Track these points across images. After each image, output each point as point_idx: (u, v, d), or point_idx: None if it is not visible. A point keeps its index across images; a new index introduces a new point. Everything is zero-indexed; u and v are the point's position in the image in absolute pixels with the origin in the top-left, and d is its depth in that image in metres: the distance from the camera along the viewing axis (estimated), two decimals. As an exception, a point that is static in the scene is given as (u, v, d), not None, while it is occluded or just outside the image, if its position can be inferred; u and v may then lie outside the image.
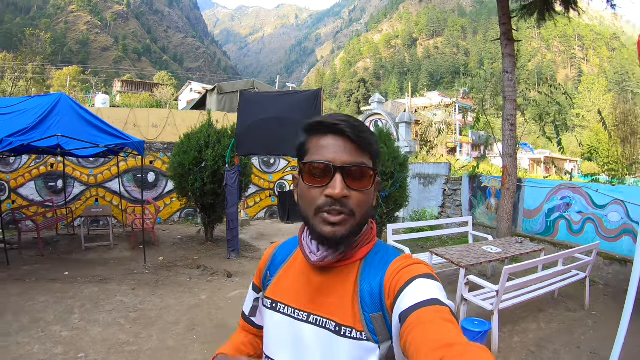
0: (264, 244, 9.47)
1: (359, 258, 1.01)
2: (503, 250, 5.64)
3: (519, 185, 8.71)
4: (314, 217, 0.95)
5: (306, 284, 1.02)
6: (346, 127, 0.94)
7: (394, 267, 0.95)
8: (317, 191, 0.94)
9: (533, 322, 5.02)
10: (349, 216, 0.93)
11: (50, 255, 7.94)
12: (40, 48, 44.59)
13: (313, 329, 0.97)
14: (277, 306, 1.05)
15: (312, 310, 0.99)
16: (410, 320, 0.79)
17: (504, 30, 8.16)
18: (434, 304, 0.80)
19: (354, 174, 0.94)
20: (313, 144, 0.98)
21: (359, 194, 0.94)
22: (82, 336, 4.32)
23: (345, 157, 0.93)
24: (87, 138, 6.55)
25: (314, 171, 0.95)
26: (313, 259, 0.99)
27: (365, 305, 0.93)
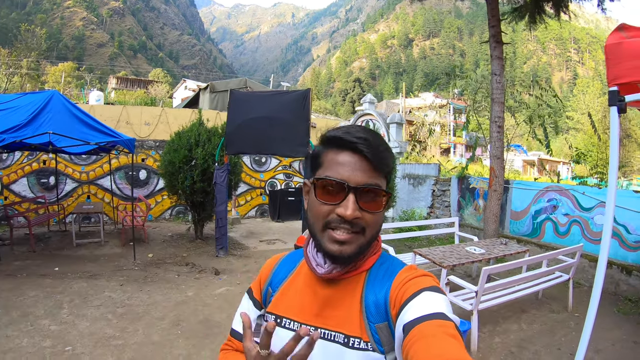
0: (253, 242, 9.56)
1: (365, 269, 1.00)
2: (486, 251, 5.71)
3: (507, 187, 8.80)
4: (322, 232, 0.94)
5: (312, 298, 1.01)
6: (365, 146, 0.92)
7: (400, 279, 0.95)
8: (328, 208, 0.93)
9: (515, 323, 5.07)
10: (358, 234, 0.93)
11: (41, 251, 8.01)
12: (36, 44, 44.31)
13: (320, 344, 0.94)
14: (281, 321, 1.02)
15: (319, 324, 0.97)
16: (413, 332, 0.78)
17: (493, 33, 8.23)
18: (439, 318, 0.80)
19: (367, 195, 0.92)
20: (329, 157, 0.96)
21: (371, 215, 0.93)
22: (70, 330, 4.42)
23: (360, 177, 0.91)
24: (79, 135, 6.62)
25: (327, 187, 0.93)
26: (320, 271, 0.98)
27: (370, 316, 0.93)
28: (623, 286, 6.34)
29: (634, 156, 31.07)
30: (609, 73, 2.38)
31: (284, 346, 0.72)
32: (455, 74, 11.75)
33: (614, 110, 2.36)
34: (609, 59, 2.38)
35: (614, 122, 2.41)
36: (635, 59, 2.23)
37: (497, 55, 8.21)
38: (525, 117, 11.21)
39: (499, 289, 4.82)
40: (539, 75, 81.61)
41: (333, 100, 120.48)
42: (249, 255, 8.25)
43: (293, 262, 1.13)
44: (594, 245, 7.03)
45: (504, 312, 5.37)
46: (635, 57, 2.24)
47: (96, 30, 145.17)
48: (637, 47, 2.24)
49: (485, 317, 5.08)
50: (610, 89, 2.37)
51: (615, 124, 2.41)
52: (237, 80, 17.90)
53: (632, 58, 2.25)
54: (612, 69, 2.35)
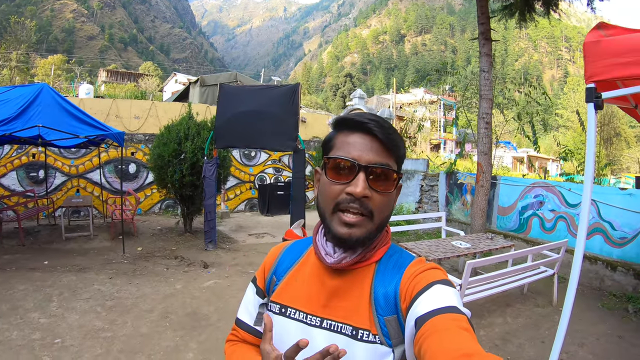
0: (242, 236, 9.61)
1: (375, 260, 0.99)
2: (472, 246, 5.78)
3: (494, 183, 8.89)
4: (332, 215, 0.94)
5: (319, 288, 0.99)
6: (375, 126, 0.93)
7: (410, 271, 0.94)
8: (338, 187, 0.92)
9: (500, 317, 5.14)
10: (367, 218, 0.92)
11: (30, 245, 8.02)
12: (25, 36, 43.88)
13: (326, 335, 0.94)
14: (286, 311, 1.01)
15: (325, 315, 0.96)
16: (427, 326, 0.78)
17: (482, 30, 8.22)
18: (452, 312, 0.80)
19: (377, 174, 0.92)
20: (340, 139, 0.97)
21: (381, 196, 0.92)
22: (60, 323, 4.47)
23: (371, 156, 0.92)
24: (68, 129, 6.62)
25: (338, 167, 0.93)
26: (329, 260, 0.97)
27: (379, 308, 0.92)
28: (608, 282, 6.40)
29: (623, 154, 31.41)
30: (587, 70, 2.43)
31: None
32: (446, 70, 11.82)
33: (590, 107, 2.42)
34: (587, 57, 2.43)
35: (590, 119, 2.47)
36: (613, 57, 2.28)
37: (486, 52, 8.24)
38: (514, 114, 11.32)
39: (483, 282, 4.87)
40: (530, 73, 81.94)
41: (324, 95, 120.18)
42: (237, 249, 8.29)
43: (299, 251, 1.12)
44: (580, 241, 7.11)
45: (489, 306, 5.44)
46: (612, 55, 2.29)
47: (86, 22, 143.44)
48: (614, 46, 2.30)
49: (470, 311, 5.14)
50: (588, 86, 2.43)
51: (592, 121, 2.47)
52: (227, 74, 17.90)
53: (609, 56, 2.30)
54: (589, 66, 2.41)
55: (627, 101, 3.30)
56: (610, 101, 3.06)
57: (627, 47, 2.23)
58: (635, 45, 2.22)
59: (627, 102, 3.33)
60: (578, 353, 4.25)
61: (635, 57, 2.18)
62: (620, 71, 2.25)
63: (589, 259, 6.69)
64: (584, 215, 2.55)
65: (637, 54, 2.19)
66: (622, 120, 32.90)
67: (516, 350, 4.27)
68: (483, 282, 4.84)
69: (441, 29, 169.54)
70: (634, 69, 2.19)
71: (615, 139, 30.22)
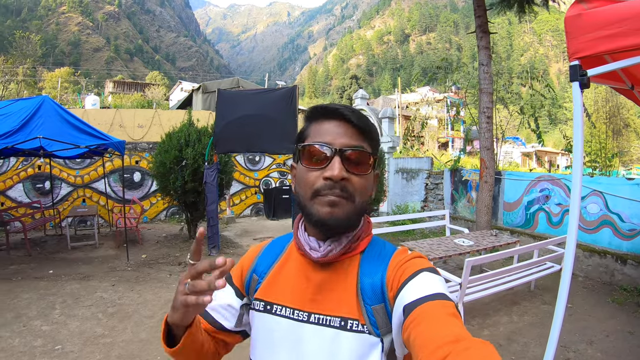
0: (247, 240, 9.64)
1: (360, 250, 0.99)
2: (475, 243, 5.67)
3: (499, 178, 8.79)
4: (310, 200, 0.92)
5: (305, 283, 0.98)
6: (345, 111, 0.94)
7: (396, 260, 0.94)
8: (315, 174, 0.92)
9: (505, 315, 5.03)
10: (347, 200, 0.91)
11: (37, 255, 8.10)
12: (31, 50, 44.41)
13: (314, 329, 0.93)
14: (272, 308, 0.99)
15: (312, 309, 0.95)
16: (416, 313, 0.78)
17: (479, 23, 8.03)
18: (440, 299, 0.80)
19: (353, 157, 0.93)
20: (313, 128, 0.97)
21: (358, 178, 0.93)
22: (61, 330, 4.51)
23: (344, 140, 0.93)
24: (69, 139, 6.69)
25: (313, 154, 0.93)
26: (316, 255, 0.96)
27: (366, 298, 0.92)
28: (618, 276, 6.26)
29: (633, 145, 31.06)
30: (569, 47, 2.24)
31: (201, 265, 0.78)
32: (450, 68, 11.75)
33: (575, 86, 2.25)
34: (569, 33, 2.25)
35: (576, 99, 2.30)
36: (596, 30, 2.10)
37: (484, 45, 8.09)
38: (518, 108, 11.22)
39: (488, 280, 4.77)
40: (536, 68, 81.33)
41: (331, 98, 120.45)
42: (241, 254, 8.24)
43: (280, 248, 1.11)
44: (588, 235, 6.95)
45: (495, 304, 5.34)
46: (595, 28, 2.10)
47: (92, 34, 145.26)
48: (597, 18, 2.11)
49: (475, 310, 5.07)
50: (571, 64, 2.26)
51: (578, 101, 2.29)
52: (229, 80, 17.95)
53: (593, 29, 2.12)
54: (571, 42, 2.23)
55: (622, 81, 3.06)
56: (601, 80, 2.91)
57: (612, 18, 2.04)
58: (621, 15, 2.02)
59: (621, 83, 3.08)
60: (587, 351, 4.13)
61: (621, 28, 2.00)
62: (606, 45, 2.07)
63: (598, 252, 6.55)
64: (574, 206, 2.43)
65: (623, 24, 1.99)
66: (631, 111, 32.55)
67: (521, 350, 4.16)
68: (487, 279, 4.73)
69: (445, 27, 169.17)
70: (621, 40, 2.00)
71: (625, 130, 29.87)
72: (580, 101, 2.27)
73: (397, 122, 29.77)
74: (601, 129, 19.80)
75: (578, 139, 2.33)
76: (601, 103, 26.18)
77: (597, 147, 16.54)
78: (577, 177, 2.32)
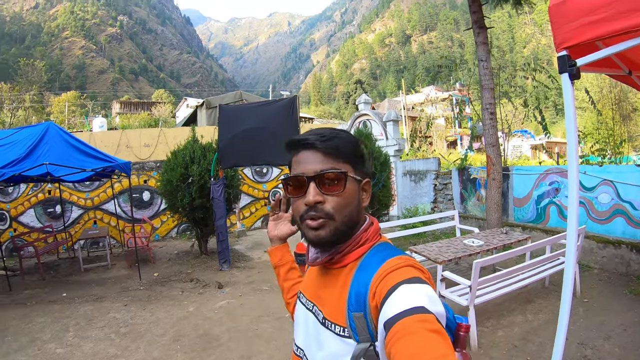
0: (259, 253, 9.64)
1: (347, 262, 1.07)
2: (485, 243, 5.52)
3: (507, 174, 8.69)
4: (301, 224, 1.06)
5: (315, 280, 1.16)
6: (314, 139, 1.04)
7: (383, 270, 0.95)
8: (299, 201, 1.04)
9: (520, 315, 4.91)
10: (327, 219, 1.02)
11: (51, 278, 8.19)
12: (36, 76, 44.88)
13: (313, 318, 1.10)
14: (300, 295, 1.22)
15: (315, 301, 1.12)
16: (395, 330, 0.78)
17: (475, 19, 8.03)
18: (418, 312, 0.79)
19: (326, 179, 1.02)
20: (294, 160, 1.08)
21: (334, 198, 1.02)
22: (75, 352, 4.55)
23: (316, 166, 1.02)
24: (74, 163, 6.77)
25: (295, 184, 1.05)
26: (308, 260, 1.13)
27: (350, 304, 0.98)
28: (634, 266, 6.11)
29: (644, 129, 30.48)
30: (555, 37, 2.12)
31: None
32: (453, 66, 11.70)
33: (565, 78, 2.10)
34: (554, 22, 2.12)
35: (566, 91, 2.14)
36: (582, 17, 1.97)
37: (482, 41, 7.99)
38: (522, 101, 11.10)
39: (498, 280, 4.66)
40: (539, 58, 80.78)
41: (337, 104, 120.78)
42: (252, 267, 8.32)
43: None
44: (601, 226, 6.84)
45: (509, 304, 5.21)
46: (581, 14, 1.97)
47: (96, 57, 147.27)
48: (582, 4, 1.98)
49: (488, 312, 4.96)
50: (559, 55, 2.11)
51: (569, 93, 2.13)
52: (232, 94, 18.04)
53: (579, 16, 1.99)
54: (557, 32, 2.09)
55: (618, 67, 2.85)
56: (594, 68, 2.79)
57: (597, 2, 1.90)
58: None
59: (617, 69, 2.86)
60: (604, 347, 4.00)
61: (607, 12, 1.86)
62: (593, 31, 1.94)
63: (612, 243, 6.41)
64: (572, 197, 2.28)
65: (610, 8, 1.85)
66: (638, 95, 32.02)
67: (537, 350, 4.03)
68: (499, 279, 4.63)
69: (446, 25, 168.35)
70: (609, 24, 1.86)
71: (633, 114, 29.35)
72: (571, 94, 2.13)
73: (403, 124, 29.74)
74: (608, 115, 19.47)
75: (571, 133, 2.20)
76: (607, 90, 25.78)
77: (605, 135, 16.28)
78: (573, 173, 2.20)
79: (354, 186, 1.06)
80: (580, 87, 43.40)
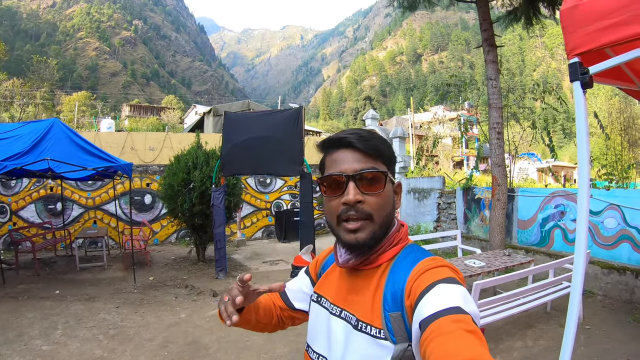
0: (256, 263, 9.55)
1: (382, 262, 1.05)
2: (487, 264, 5.48)
3: (512, 195, 8.60)
4: (337, 226, 1.03)
5: (343, 284, 1.11)
6: (353, 138, 1.03)
7: (418, 269, 0.96)
8: (336, 201, 1.02)
9: (519, 340, 4.80)
10: (367, 221, 1.00)
11: (46, 275, 8.18)
12: (48, 74, 45.35)
13: (342, 323, 1.04)
14: (321, 300, 1.16)
15: (344, 306, 1.07)
16: (430, 330, 0.78)
17: (485, 37, 8.02)
18: (455, 313, 0.79)
19: (366, 179, 1.01)
20: (328, 159, 1.08)
21: (374, 198, 1.01)
22: (61, 350, 4.50)
23: (355, 165, 1.01)
24: (76, 161, 6.78)
25: (331, 183, 1.04)
26: (340, 261, 1.09)
27: (386, 304, 0.97)
28: (639, 293, 6.01)
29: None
30: (567, 43, 1.99)
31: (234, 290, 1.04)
32: (462, 85, 11.66)
33: (577, 86, 1.97)
34: (565, 27, 1.99)
35: (579, 101, 2.00)
36: (596, 21, 1.84)
37: (491, 59, 7.97)
38: (530, 123, 11.03)
39: (499, 303, 4.57)
40: (549, 82, 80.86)
41: (345, 120, 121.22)
42: (250, 277, 8.20)
43: None
44: (606, 251, 6.72)
45: (509, 328, 5.12)
46: (595, 18, 1.84)
47: (109, 59, 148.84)
48: (596, 7, 1.84)
49: (487, 335, 4.79)
50: (571, 62, 1.98)
51: (581, 103, 1.99)
52: (239, 103, 18.09)
53: (592, 21, 1.86)
54: (569, 37, 1.97)
55: (631, 81, 2.66)
56: (606, 80, 2.62)
57: (613, 5, 1.77)
58: (622, 1, 1.74)
59: (630, 83, 2.67)
60: None
61: (624, 15, 1.72)
62: (608, 36, 1.79)
63: (617, 269, 6.32)
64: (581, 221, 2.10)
65: (626, 10, 1.72)
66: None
67: None
68: (500, 302, 4.54)
69: (457, 45, 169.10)
70: (625, 29, 1.72)
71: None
72: (583, 104, 1.99)
73: (410, 141, 29.75)
74: (616, 140, 19.38)
75: (583, 146, 2.03)
76: (615, 115, 25.69)
77: (613, 160, 16.19)
78: (584, 189, 2.03)
79: (390, 187, 1.07)
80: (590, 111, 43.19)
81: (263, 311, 1.28)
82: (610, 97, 45.47)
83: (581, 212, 2.06)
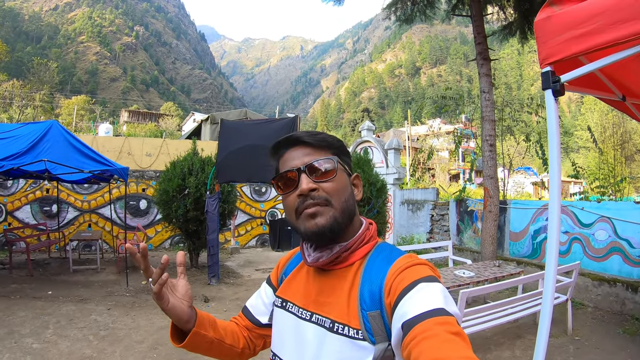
0: (249, 271, 9.58)
1: (354, 260, 1.03)
2: (476, 274, 5.51)
3: (504, 208, 8.67)
4: (297, 220, 1.01)
5: (311, 285, 1.07)
6: (301, 134, 1.05)
7: (396, 267, 0.94)
8: (292, 196, 1.01)
9: (507, 350, 4.80)
10: (325, 206, 0.98)
11: (39, 275, 8.22)
12: (48, 77, 45.36)
13: (313, 328, 1.00)
14: (286, 305, 1.10)
15: (315, 309, 1.02)
16: (415, 332, 0.77)
17: (479, 50, 8.09)
18: (439, 315, 0.78)
19: (317, 168, 1.01)
20: (281, 162, 1.07)
21: (328, 184, 1.00)
22: (51, 349, 4.54)
23: (305, 159, 1.02)
24: (73, 164, 6.83)
25: (285, 181, 1.03)
26: (309, 260, 1.05)
27: (363, 304, 0.94)
28: (629, 305, 6.07)
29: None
30: (540, 52, 2.05)
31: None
32: (459, 99, 11.74)
33: (548, 94, 2.04)
34: (539, 38, 2.06)
35: (550, 109, 2.07)
36: (568, 30, 1.90)
37: (485, 72, 8.02)
38: (524, 137, 11.13)
39: (487, 312, 4.58)
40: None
41: (343, 131, 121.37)
42: (241, 284, 8.26)
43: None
44: (597, 263, 6.78)
45: (498, 338, 5.13)
46: (567, 28, 1.91)
47: (109, 64, 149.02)
48: (568, 17, 1.92)
49: (475, 344, 4.85)
50: (543, 71, 2.05)
51: (552, 111, 2.06)
52: (237, 111, 18.18)
53: (564, 30, 1.92)
54: (542, 47, 2.04)
55: (609, 91, 2.73)
56: (585, 89, 2.66)
57: (584, 15, 1.84)
58: (594, 10, 1.80)
59: (609, 93, 2.74)
60: None
61: (595, 24, 1.79)
62: (579, 45, 1.86)
63: (607, 281, 6.40)
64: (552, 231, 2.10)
65: (597, 19, 1.78)
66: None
67: None
68: (488, 311, 4.55)
69: (455, 59, 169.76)
70: (596, 37, 1.78)
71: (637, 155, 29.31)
72: (554, 111, 2.06)
73: (406, 154, 29.84)
74: (610, 154, 19.51)
75: (554, 152, 2.06)
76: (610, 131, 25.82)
77: (606, 173, 16.30)
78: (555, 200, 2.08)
79: (345, 176, 1.06)
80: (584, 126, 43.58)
81: (224, 330, 1.17)
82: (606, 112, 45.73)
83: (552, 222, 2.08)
